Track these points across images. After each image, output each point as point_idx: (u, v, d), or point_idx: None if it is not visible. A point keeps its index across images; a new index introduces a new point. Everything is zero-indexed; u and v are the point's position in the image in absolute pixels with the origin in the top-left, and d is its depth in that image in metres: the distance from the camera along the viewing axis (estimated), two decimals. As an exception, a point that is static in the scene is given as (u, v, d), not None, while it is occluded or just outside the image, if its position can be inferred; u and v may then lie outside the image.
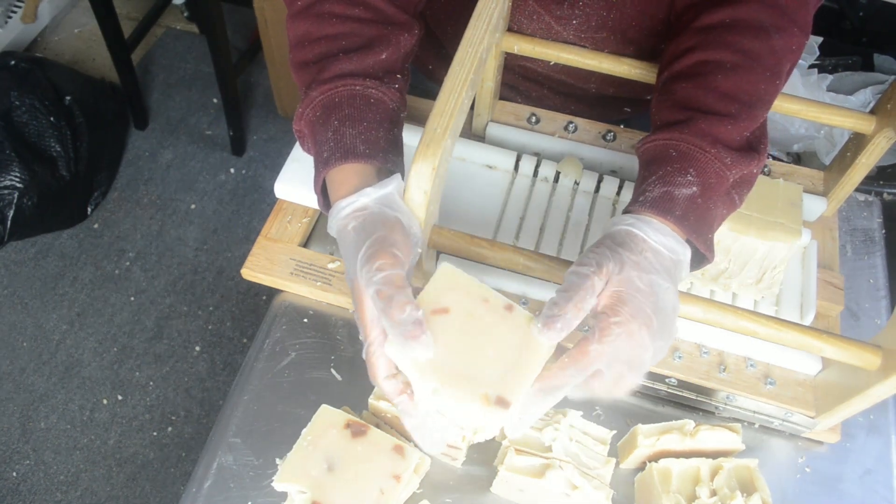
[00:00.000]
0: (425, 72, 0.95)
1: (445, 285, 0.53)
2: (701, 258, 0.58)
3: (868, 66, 1.40)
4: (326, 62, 0.59)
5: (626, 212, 0.57)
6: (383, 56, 0.60)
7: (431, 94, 0.59)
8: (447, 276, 0.54)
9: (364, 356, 0.53)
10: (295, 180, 0.76)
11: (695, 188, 0.55)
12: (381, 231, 0.52)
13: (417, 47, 0.65)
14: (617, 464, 0.66)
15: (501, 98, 0.87)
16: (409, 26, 0.63)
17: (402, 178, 0.57)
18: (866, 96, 1.28)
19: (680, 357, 0.69)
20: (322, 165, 0.57)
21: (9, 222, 1.66)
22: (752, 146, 0.58)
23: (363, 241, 0.52)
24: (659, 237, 0.53)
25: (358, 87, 0.58)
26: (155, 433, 1.55)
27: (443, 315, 0.52)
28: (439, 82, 0.56)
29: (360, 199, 0.55)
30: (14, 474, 1.49)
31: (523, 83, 0.88)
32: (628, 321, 0.50)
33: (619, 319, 0.50)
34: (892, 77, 1.17)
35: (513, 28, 0.76)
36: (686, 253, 0.54)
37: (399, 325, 0.49)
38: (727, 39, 0.60)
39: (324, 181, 0.59)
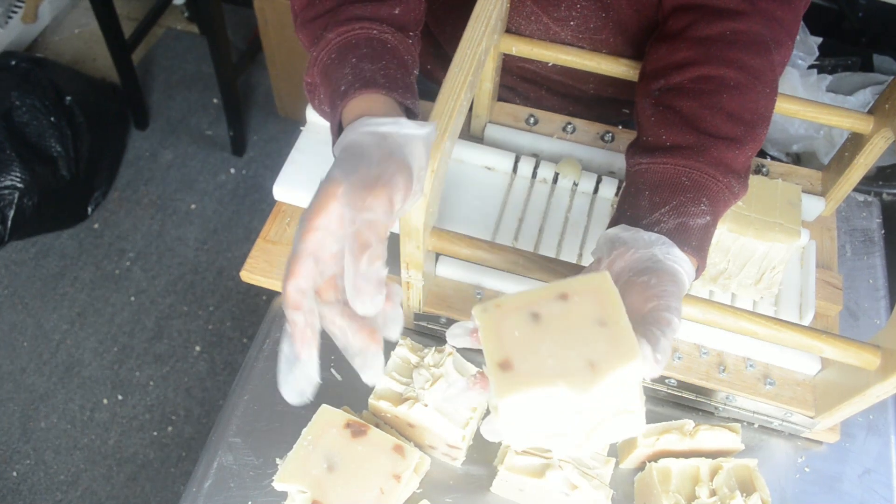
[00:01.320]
0: (424, 72, 0.95)
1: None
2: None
3: (867, 67, 1.40)
4: (341, 8, 0.57)
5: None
6: (396, 11, 0.59)
7: (430, 95, 0.60)
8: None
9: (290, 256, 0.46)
10: (294, 182, 0.76)
11: (708, 217, 0.55)
12: (393, 168, 0.47)
13: (425, 15, 0.63)
14: (616, 463, 0.66)
15: (500, 99, 0.87)
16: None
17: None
18: (865, 97, 1.28)
19: (679, 358, 0.69)
20: (340, 98, 0.53)
21: (9, 222, 1.66)
22: (748, 173, 0.59)
23: (370, 165, 0.47)
24: (688, 272, 0.53)
25: (375, 31, 0.57)
26: (155, 433, 1.55)
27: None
28: (438, 83, 0.56)
29: (392, 126, 0.50)
30: (14, 474, 1.49)
31: (521, 84, 0.88)
32: None
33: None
34: (892, 77, 1.17)
35: (511, 29, 0.76)
36: (690, 281, 0.54)
37: (360, 276, 0.44)
38: (730, 56, 0.60)
39: (340, 122, 0.55)
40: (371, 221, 0.45)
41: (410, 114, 0.56)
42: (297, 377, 0.50)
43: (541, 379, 0.43)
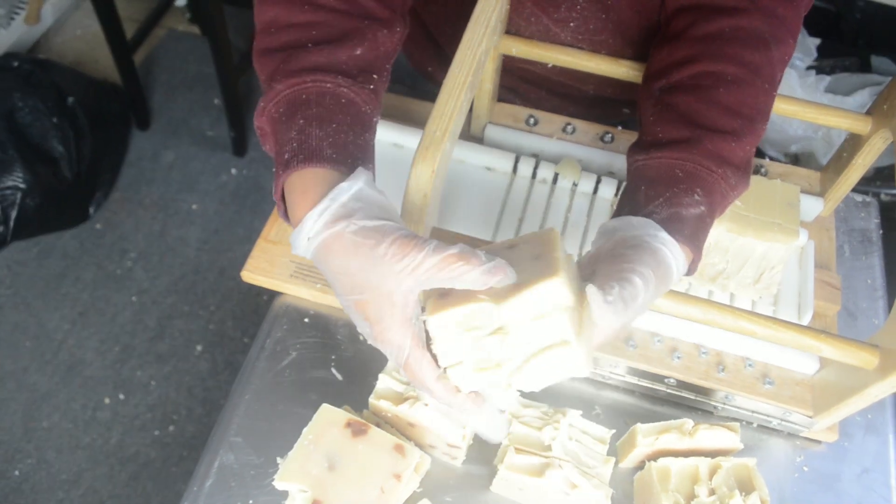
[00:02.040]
0: (425, 74, 0.96)
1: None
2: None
3: (865, 68, 1.40)
4: (294, 52, 0.53)
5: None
6: (357, 52, 0.55)
7: (432, 97, 0.60)
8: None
9: (401, 368, 0.50)
10: (296, 181, 0.77)
11: (702, 208, 0.55)
12: (391, 220, 0.47)
13: (400, 48, 0.61)
14: (616, 463, 0.66)
15: (500, 100, 0.87)
16: (391, 23, 0.58)
17: (374, 181, 0.51)
18: (864, 97, 1.28)
19: (679, 357, 0.69)
20: (282, 168, 0.50)
21: (12, 222, 1.67)
22: (749, 168, 0.59)
23: (353, 299, 0.48)
24: (677, 257, 0.53)
25: (328, 85, 0.52)
26: (157, 432, 1.56)
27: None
28: (438, 84, 0.56)
29: (340, 198, 0.48)
30: (16, 473, 1.50)
31: (522, 85, 0.88)
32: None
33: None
34: (890, 78, 1.18)
35: (511, 30, 0.76)
36: (682, 271, 0.54)
37: (484, 264, 0.45)
38: (728, 51, 0.60)
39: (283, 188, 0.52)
40: (442, 258, 0.46)
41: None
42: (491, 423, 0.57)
43: (466, 297, 0.46)
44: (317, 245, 0.48)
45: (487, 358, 0.49)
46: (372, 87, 0.55)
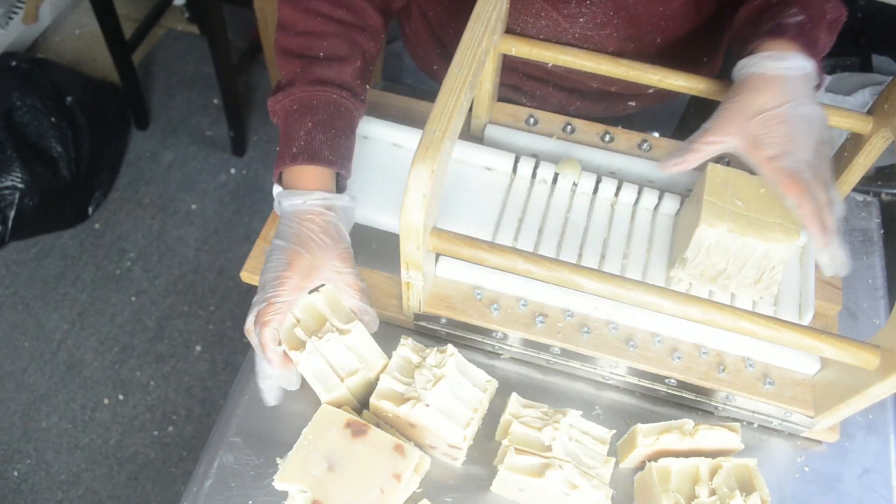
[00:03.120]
0: (430, 73, 0.95)
1: None
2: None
3: (866, 67, 1.40)
4: (310, 63, 0.68)
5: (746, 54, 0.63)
6: (358, 64, 0.70)
7: (431, 97, 0.60)
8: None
9: (262, 302, 0.63)
10: (295, 181, 0.76)
11: (802, 16, 0.61)
12: (345, 242, 0.66)
13: (380, 52, 0.76)
14: (616, 463, 0.66)
15: (505, 100, 0.87)
16: (377, 34, 0.72)
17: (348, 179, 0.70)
18: (865, 97, 1.28)
19: (679, 357, 0.69)
20: (290, 159, 0.66)
21: (10, 223, 1.67)
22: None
23: (336, 237, 0.65)
24: (784, 63, 0.60)
25: (335, 96, 0.68)
26: (156, 432, 1.56)
27: None
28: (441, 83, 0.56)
29: (330, 200, 0.66)
30: (15, 474, 1.50)
31: (527, 83, 0.88)
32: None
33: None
34: (891, 78, 1.18)
35: (517, 27, 0.76)
36: (810, 64, 0.61)
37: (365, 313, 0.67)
38: None
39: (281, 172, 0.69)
40: (275, 307, 0.63)
41: (341, 178, 0.70)
42: (277, 387, 0.68)
43: None
44: (301, 207, 0.65)
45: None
46: (362, 97, 0.71)
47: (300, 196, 0.65)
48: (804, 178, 0.57)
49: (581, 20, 0.75)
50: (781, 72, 0.60)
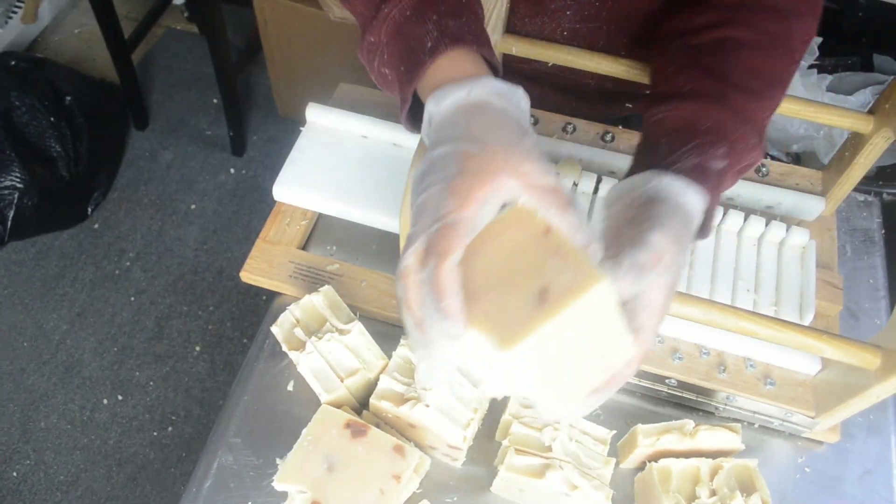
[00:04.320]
0: None
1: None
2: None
3: (867, 67, 1.40)
4: None
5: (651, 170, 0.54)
6: None
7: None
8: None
9: (435, 228, 0.43)
10: (293, 182, 0.76)
11: (726, 162, 0.55)
12: (494, 156, 0.45)
13: None
14: (617, 464, 0.66)
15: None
16: None
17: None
18: (866, 96, 1.28)
19: (680, 358, 0.69)
20: (428, 54, 0.49)
21: (9, 222, 1.66)
22: (764, 134, 0.59)
23: (525, 129, 0.47)
24: (691, 199, 0.52)
25: None
26: (155, 433, 1.55)
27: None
28: None
29: (503, 87, 0.49)
30: (14, 474, 1.49)
31: (524, 84, 0.88)
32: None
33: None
34: (892, 77, 1.18)
35: (508, 27, 0.76)
36: (700, 214, 0.53)
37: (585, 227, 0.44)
38: (751, 18, 0.61)
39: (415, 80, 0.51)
40: (446, 228, 0.43)
41: (493, 69, 0.53)
42: (451, 357, 0.46)
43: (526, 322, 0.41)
44: (466, 100, 0.48)
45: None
46: None
47: (462, 87, 0.48)
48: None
49: (568, 13, 0.75)
50: (684, 230, 0.51)
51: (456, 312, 0.43)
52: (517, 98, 0.50)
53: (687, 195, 0.51)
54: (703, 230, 0.56)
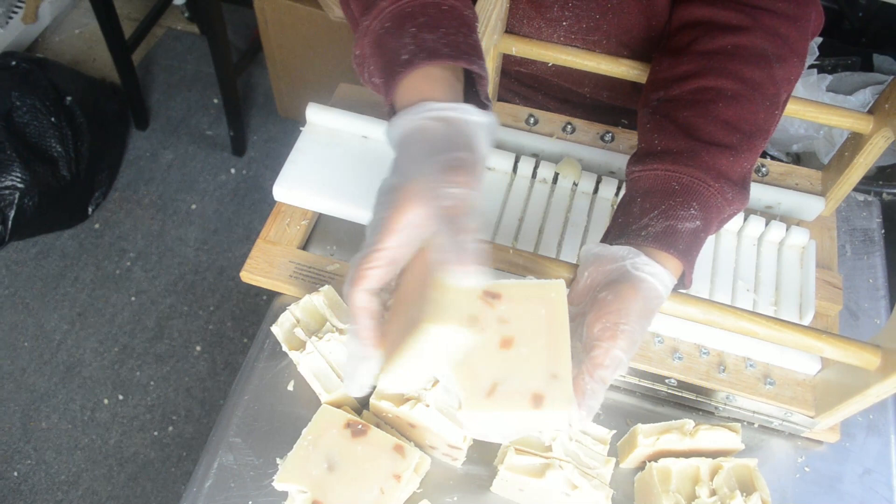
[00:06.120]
0: None
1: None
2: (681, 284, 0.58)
3: (867, 67, 1.40)
4: None
5: (624, 241, 0.55)
6: None
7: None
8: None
9: (357, 259, 0.47)
10: (294, 182, 0.76)
11: (698, 222, 0.55)
12: (466, 154, 0.46)
13: None
14: (617, 463, 0.66)
15: (499, 102, 0.87)
16: None
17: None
18: (866, 96, 1.28)
19: (680, 358, 0.69)
20: (401, 67, 0.50)
21: (10, 222, 1.67)
22: (746, 184, 0.58)
23: (446, 147, 0.46)
24: (661, 279, 0.53)
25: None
26: (156, 433, 1.56)
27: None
28: None
29: (457, 112, 0.48)
30: (15, 474, 1.50)
31: (521, 89, 0.88)
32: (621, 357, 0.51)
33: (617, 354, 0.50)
34: (892, 77, 1.18)
35: (506, 30, 0.76)
36: (670, 288, 0.54)
37: (459, 245, 0.42)
38: (729, 67, 0.60)
39: (394, 95, 0.52)
40: (462, 193, 0.44)
41: (478, 76, 0.53)
42: (363, 373, 0.49)
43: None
44: (409, 127, 0.49)
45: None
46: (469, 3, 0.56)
47: (409, 113, 0.49)
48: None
49: (564, 23, 0.74)
50: (647, 310, 0.52)
51: (364, 337, 0.47)
52: (467, 120, 0.49)
53: (655, 273, 0.52)
54: (681, 283, 0.57)
